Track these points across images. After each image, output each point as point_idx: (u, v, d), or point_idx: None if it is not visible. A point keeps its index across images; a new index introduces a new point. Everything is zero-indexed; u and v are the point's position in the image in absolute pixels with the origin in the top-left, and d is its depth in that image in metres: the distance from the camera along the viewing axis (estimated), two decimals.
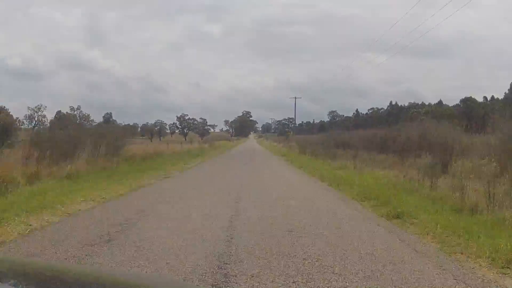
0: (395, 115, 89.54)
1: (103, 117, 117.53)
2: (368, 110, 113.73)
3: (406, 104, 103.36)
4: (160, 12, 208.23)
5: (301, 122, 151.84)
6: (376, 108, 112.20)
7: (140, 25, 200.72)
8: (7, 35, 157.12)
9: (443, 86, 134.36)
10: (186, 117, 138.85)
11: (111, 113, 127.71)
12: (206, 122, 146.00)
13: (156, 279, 2.09)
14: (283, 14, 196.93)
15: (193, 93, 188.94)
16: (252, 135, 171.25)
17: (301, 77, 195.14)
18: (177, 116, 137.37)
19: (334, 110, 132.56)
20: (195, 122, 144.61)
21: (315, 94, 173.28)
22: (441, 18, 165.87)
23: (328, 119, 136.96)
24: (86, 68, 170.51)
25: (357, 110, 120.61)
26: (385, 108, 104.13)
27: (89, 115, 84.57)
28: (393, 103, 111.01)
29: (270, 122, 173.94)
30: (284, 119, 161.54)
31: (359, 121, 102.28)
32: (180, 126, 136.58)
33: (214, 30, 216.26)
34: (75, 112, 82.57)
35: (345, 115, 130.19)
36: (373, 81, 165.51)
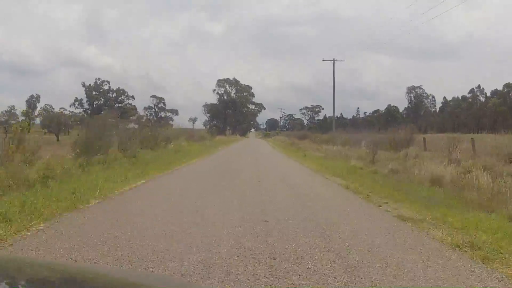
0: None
1: (26, 101, 73.27)
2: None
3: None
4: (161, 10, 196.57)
5: (324, 116, 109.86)
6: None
7: (141, 21, 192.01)
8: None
9: (448, 87, 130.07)
10: (105, 87, 61.62)
11: (38, 95, 75.91)
12: (164, 103, 67.44)
13: (156, 279, 2.06)
14: (286, 14, 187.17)
15: (194, 93, 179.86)
16: (253, 134, 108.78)
17: (305, 78, 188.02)
18: (84, 85, 63.48)
19: (417, 85, 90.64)
20: (125, 99, 57.00)
21: (317, 95, 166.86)
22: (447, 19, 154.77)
23: (407, 105, 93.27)
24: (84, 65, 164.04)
25: None
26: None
27: None
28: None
29: (278, 118, 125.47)
30: (306, 108, 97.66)
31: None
32: (88, 107, 59.27)
33: (215, 29, 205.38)
34: None
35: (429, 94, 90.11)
36: (377, 82, 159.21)
